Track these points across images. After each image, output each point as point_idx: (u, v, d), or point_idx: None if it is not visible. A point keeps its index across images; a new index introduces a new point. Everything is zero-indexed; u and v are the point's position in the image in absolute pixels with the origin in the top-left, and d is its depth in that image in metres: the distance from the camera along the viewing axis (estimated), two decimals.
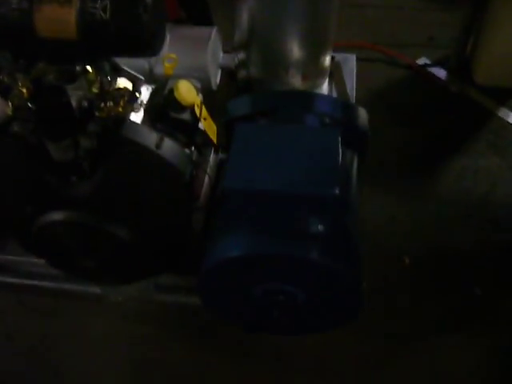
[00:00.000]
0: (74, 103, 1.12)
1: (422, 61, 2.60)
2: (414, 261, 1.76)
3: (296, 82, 2.15)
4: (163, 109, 1.23)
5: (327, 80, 2.27)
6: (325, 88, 2.27)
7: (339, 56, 2.25)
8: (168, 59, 1.33)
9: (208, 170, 1.43)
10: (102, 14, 1.06)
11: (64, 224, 1.30)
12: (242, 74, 1.63)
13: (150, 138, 1.19)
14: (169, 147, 1.21)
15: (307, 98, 1.48)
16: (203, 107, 1.31)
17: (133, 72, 1.30)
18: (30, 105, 1.13)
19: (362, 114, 1.53)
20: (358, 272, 1.20)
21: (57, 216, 1.28)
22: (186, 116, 1.25)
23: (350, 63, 2.38)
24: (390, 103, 1.83)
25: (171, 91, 1.24)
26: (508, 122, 2.36)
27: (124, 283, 1.51)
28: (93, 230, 1.29)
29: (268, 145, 1.14)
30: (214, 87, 1.49)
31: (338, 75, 2.31)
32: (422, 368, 1.65)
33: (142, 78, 1.32)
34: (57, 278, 1.62)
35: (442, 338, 1.72)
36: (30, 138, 1.17)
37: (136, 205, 1.27)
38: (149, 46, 1.11)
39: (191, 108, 1.26)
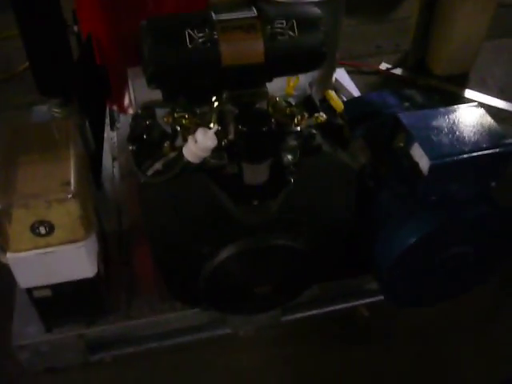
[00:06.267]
0: None
1: (383, 66, 2.91)
2: None
3: None
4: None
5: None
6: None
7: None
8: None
9: None
10: (291, 33, 1.13)
11: (246, 253, 1.29)
12: None
13: (329, 146, 1.26)
14: (339, 152, 1.29)
15: (386, 96, 1.62)
16: None
17: None
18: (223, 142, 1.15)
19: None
20: None
21: (239, 247, 1.28)
22: (340, 120, 1.33)
23: (344, 76, 2.62)
24: None
25: (323, 101, 1.33)
26: (470, 99, 2.73)
27: (295, 298, 1.50)
28: (277, 250, 1.31)
29: (434, 124, 1.28)
30: None
31: (341, 87, 2.53)
32: None
33: None
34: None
35: None
36: (226, 168, 1.18)
37: (315, 212, 1.31)
38: (325, 56, 1.19)
39: (340, 113, 1.35)
